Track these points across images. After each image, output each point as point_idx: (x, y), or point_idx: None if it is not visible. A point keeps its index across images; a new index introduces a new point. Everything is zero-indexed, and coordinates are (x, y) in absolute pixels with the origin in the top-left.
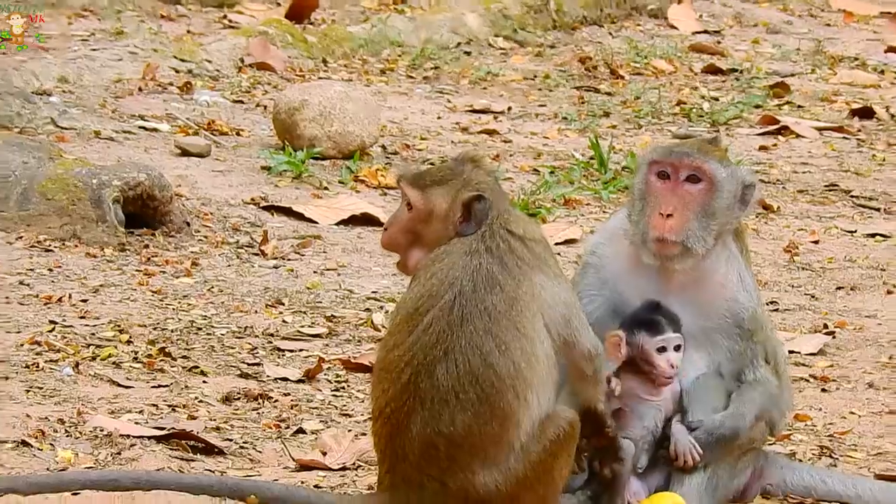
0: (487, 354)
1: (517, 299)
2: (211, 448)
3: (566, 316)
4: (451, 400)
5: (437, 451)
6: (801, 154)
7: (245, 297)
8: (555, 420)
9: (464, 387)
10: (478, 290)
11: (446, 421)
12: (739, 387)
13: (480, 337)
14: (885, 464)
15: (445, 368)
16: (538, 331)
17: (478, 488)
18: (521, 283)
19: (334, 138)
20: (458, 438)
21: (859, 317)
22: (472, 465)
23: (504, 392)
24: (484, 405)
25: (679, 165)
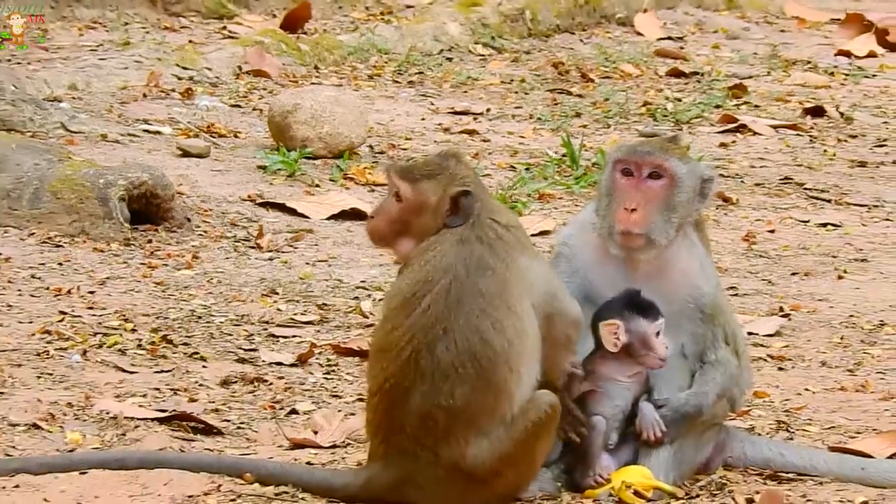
0: (484, 332)
1: (507, 281)
2: (210, 429)
3: (550, 291)
4: (451, 375)
5: (436, 422)
6: (758, 150)
7: (242, 288)
8: (537, 403)
9: (463, 362)
10: (471, 274)
11: (446, 394)
12: (702, 367)
13: (476, 317)
14: (837, 437)
15: (445, 346)
16: (526, 309)
17: (467, 459)
18: (510, 266)
19: (325, 139)
20: (457, 410)
21: (812, 300)
22: (466, 436)
23: (499, 366)
24: (481, 379)
25: (641, 163)
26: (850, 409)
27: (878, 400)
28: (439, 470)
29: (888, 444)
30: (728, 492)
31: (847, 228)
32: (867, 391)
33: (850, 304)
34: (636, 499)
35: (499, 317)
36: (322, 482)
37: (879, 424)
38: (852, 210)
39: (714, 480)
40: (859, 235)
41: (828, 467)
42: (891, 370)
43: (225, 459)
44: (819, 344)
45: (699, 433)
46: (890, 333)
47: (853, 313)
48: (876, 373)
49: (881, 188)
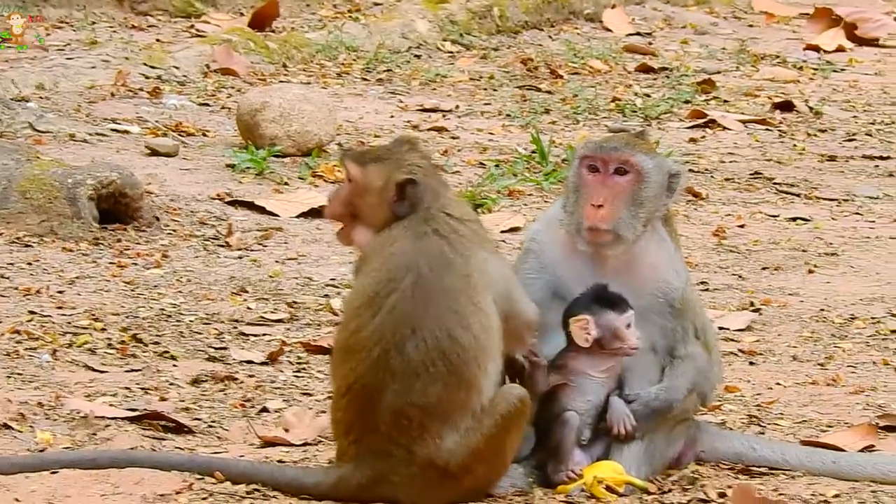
0: (451, 330)
1: (469, 276)
2: (181, 427)
3: (507, 289)
4: (422, 373)
5: (410, 420)
6: (727, 145)
7: (212, 286)
8: (506, 396)
9: (433, 360)
10: (434, 271)
11: (419, 392)
12: (672, 361)
13: (444, 314)
14: (809, 430)
15: (415, 345)
16: (489, 303)
17: (441, 454)
18: (469, 261)
19: (294, 137)
20: (430, 407)
21: (783, 294)
22: (440, 431)
23: (469, 363)
24: (452, 375)
25: (608, 159)
26: (822, 403)
27: (849, 394)
28: (413, 467)
29: (859, 438)
30: (700, 486)
31: (817, 223)
32: (838, 385)
33: (820, 299)
34: (608, 494)
35: (465, 313)
36: (293, 481)
37: (850, 418)
38: (822, 204)
39: (686, 475)
40: (829, 229)
41: (799, 461)
42: (861, 364)
43: (196, 458)
44: (790, 338)
45: (670, 428)
46: (860, 327)
47: (824, 307)
48: (847, 366)
49: (851, 182)
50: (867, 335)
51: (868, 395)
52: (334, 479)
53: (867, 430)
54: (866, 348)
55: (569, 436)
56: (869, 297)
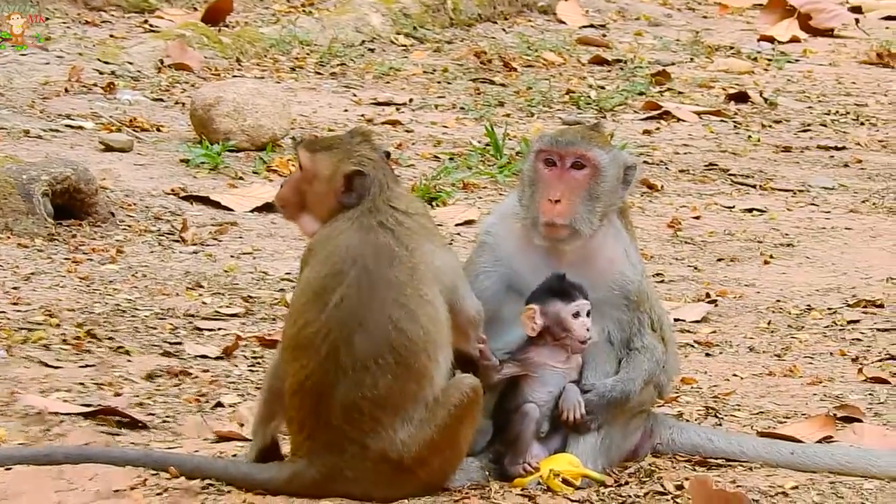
0: (398, 322)
1: (415, 268)
2: (135, 423)
3: (454, 283)
4: (371, 366)
5: (362, 413)
6: (682, 137)
7: (167, 281)
8: (458, 386)
9: (382, 353)
10: (380, 264)
11: (369, 385)
12: (628, 353)
13: (390, 307)
14: (766, 422)
15: (363, 338)
16: (437, 296)
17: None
18: (415, 254)
19: (248, 132)
20: (381, 399)
21: (739, 286)
22: (393, 424)
23: (418, 354)
24: (401, 367)
25: (564, 153)
26: (779, 394)
27: (807, 385)
28: (367, 462)
29: (817, 429)
30: (657, 478)
31: (772, 213)
32: (795, 376)
33: (776, 290)
34: (565, 487)
35: (412, 305)
36: (247, 476)
37: (808, 409)
38: (777, 195)
39: (643, 467)
40: (785, 220)
41: (757, 452)
42: (818, 355)
43: (151, 453)
44: (746, 329)
45: (627, 420)
46: (817, 318)
47: (780, 298)
48: (804, 357)
49: (806, 173)
50: (824, 326)
51: (825, 385)
52: (288, 475)
53: (825, 421)
54: (823, 339)
55: (528, 428)
56: (825, 288)
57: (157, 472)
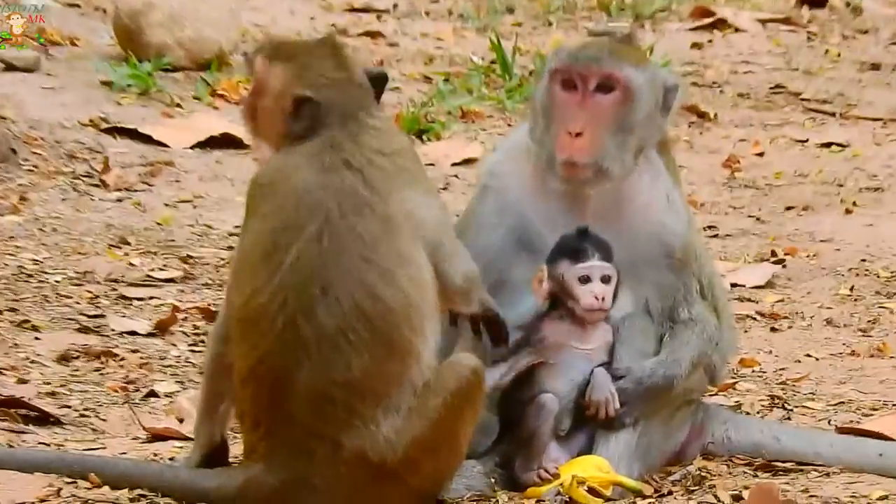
0: (372, 286)
1: (390, 219)
2: (46, 417)
3: (439, 238)
4: (341, 343)
5: (334, 403)
6: (740, 51)
7: (84, 237)
8: (455, 368)
9: (353, 326)
10: (345, 213)
11: (341, 367)
12: (672, 328)
13: (360, 267)
14: (847, 415)
15: (328, 308)
16: (418, 253)
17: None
18: (389, 201)
19: (187, 46)
20: (357, 384)
21: (813, 241)
22: (374, 416)
23: (399, 325)
24: (379, 343)
25: (587, 73)
26: (864, 380)
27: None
28: (340, 466)
29: None
30: (709, 487)
31: (856, 149)
32: (885, 356)
33: (861, 246)
34: (591, 498)
35: (388, 265)
36: (188, 484)
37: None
38: (862, 126)
39: (691, 473)
40: (872, 158)
41: (835, 454)
42: None
43: (66, 457)
44: (822, 297)
45: (670, 413)
46: None
47: (865, 257)
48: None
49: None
50: None
51: None
52: (241, 483)
53: None
54: None
55: (545, 425)
56: None
57: (74, 479)
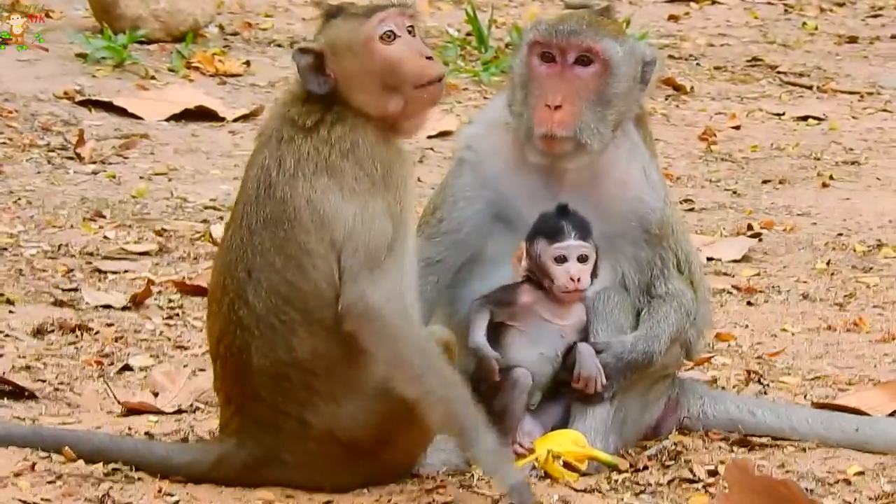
0: (283, 271)
1: (294, 209)
2: (20, 391)
3: (351, 247)
4: (275, 323)
5: (291, 381)
6: (717, 23)
7: (58, 210)
8: None
9: (279, 307)
10: (259, 194)
11: (283, 347)
12: (650, 302)
13: (270, 252)
14: (823, 389)
15: (254, 291)
16: (324, 248)
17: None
18: (296, 186)
19: (162, 17)
20: (307, 363)
21: (790, 215)
22: (333, 393)
23: (323, 308)
24: (312, 323)
25: (566, 46)
26: (840, 355)
27: (876, 342)
28: (309, 442)
29: (888, 398)
30: (685, 461)
31: (833, 122)
32: (861, 331)
33: (837, 220)
34: (567, 472)
35: (292, 253)
36: (163, 459)
37: (877, 373)
38: (840, 99)
39: (666, 448)
40: (849, 131)
41: (812, 429)
42: (891, 304)
43: (41, 431)
44: (799, 271)
45: (646, 388)
46: (889, 256)
47: (842, 231)
48: (872, 307)
49: (876, 70)
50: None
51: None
52: (214, 458)
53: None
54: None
55: (518, 398)
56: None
57: (49, 454)
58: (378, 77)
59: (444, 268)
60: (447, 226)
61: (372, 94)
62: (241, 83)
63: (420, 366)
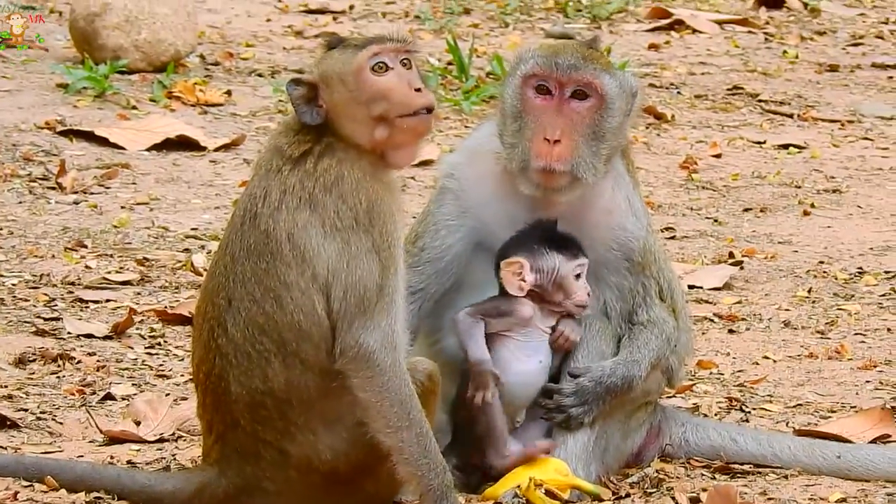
0: (261, 302)
1: (277, 242)
2: (2, 420)
3: (340, 292)
4: (251, 353)
5: (268, 410)
6: (698, 52)
7: (40, 240)
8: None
9: (255, 337)
10: (244, 223)
11: (259, 376)
12: (631, 329)
13: (251, 281)
14: (805, 417)
15: (233, 319)
16: (304, 284)
17: (322, 454)
18: (279, 218)
19: (143, 48)
20: (281, 393)
21: (771, 243)
22: (310, 424)
23: (300, 343)
24: (288, 356)
25: (565, 80)
26: (822, 382)
27: (857, 369)
28: (290, 471)
29: (870, 426)
30: (666, 489)
31: (814, 151)
32: (842, 358)
33: (819, 248)
34: (549, 500)
35: (270, 284)
36: (145, 487)
37: (859, 400)
38: (821, 127)
39: (648, 475)
40: (830, 159)
41: (794, 456)
42: (872, 331)
43: (23, 460)
44: (780, 299)
45: (628, 414)
46: (871, 284)
47: (823, 259)
48: (854, 335)
49: (857, 98)
50: (879, 294)
51: (881, 370)
52: (196, 486)
53: (880, 416)
54: (878, 311)
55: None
56: (881, 246)
57: (31, 482)
58: (366, 107)
59: (426, 296)
60: (429, 254)
61: (361, 124)
62: (222, 113)
63: (400, 419)
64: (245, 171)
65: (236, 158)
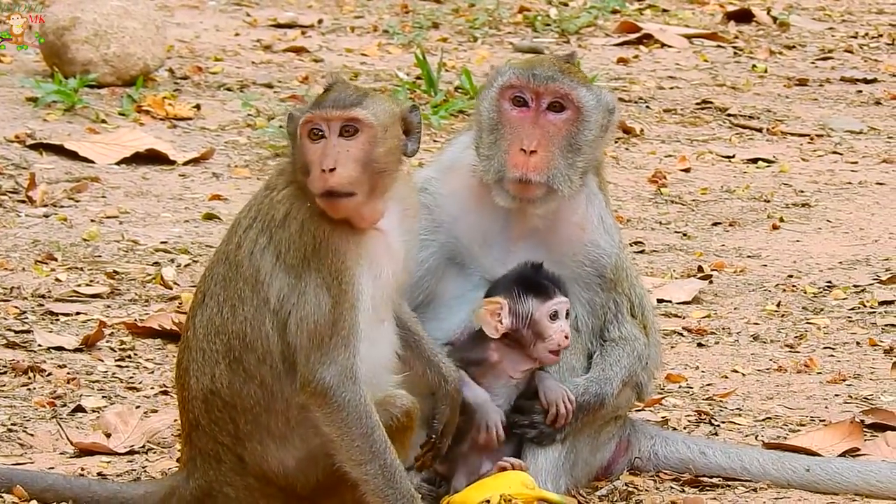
0: (221, 305)
1: (238, 249)
2: None
3: (293, 326)
4: (206, 349)
5: (220, 412)
6: (667, 67)
7: (10, 253)
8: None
9: (210, 336)
10: (232, 231)
11: (209, 374)
12: (602, 346)
13: (219, 284)
14: (774, 430)
15: (200, 315)
16: (256, 306)
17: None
18: (246, 238)
19: (112, 62)
20: (227, 396)
21: (740, 257)
22: (257, 435)
23: (243, 352)
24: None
25: (542, 91)
26: (791, 396)
27: (826, 383)
28: (249, 479)
29: (839, 439)
30: (636, 502)
31: (783, 165)
32: (811, 372)
33: (788, 262)
34: None
35: (228, 296)
36: (116, 493)
37: (828, 414)
38: (790, 141)
39: (617, 488)
40: (799, 173)
41: (763, 469)
42: (842, 345)
43: None
44: (749, 312)
45: (597, 429)
46: (840, 298)
47: (792, 273)
48: (823, 348)
49: (826, 112)
50: (848, 308)
51: (850, 384)
52: (166, 490)
53: (849, 430)
54: (847, 325)
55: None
56: (850, 260)
57: (1, 493)
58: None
59: None
60: None
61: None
62: (191, 126)
63: (363, 452)
64: (214, 185)
65: (205, 172)
